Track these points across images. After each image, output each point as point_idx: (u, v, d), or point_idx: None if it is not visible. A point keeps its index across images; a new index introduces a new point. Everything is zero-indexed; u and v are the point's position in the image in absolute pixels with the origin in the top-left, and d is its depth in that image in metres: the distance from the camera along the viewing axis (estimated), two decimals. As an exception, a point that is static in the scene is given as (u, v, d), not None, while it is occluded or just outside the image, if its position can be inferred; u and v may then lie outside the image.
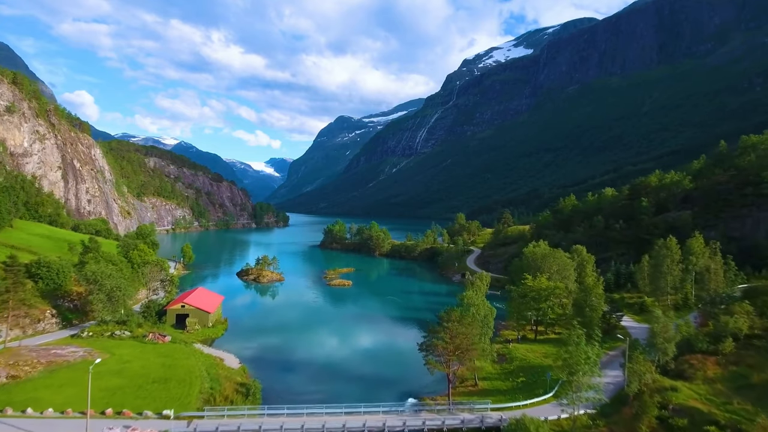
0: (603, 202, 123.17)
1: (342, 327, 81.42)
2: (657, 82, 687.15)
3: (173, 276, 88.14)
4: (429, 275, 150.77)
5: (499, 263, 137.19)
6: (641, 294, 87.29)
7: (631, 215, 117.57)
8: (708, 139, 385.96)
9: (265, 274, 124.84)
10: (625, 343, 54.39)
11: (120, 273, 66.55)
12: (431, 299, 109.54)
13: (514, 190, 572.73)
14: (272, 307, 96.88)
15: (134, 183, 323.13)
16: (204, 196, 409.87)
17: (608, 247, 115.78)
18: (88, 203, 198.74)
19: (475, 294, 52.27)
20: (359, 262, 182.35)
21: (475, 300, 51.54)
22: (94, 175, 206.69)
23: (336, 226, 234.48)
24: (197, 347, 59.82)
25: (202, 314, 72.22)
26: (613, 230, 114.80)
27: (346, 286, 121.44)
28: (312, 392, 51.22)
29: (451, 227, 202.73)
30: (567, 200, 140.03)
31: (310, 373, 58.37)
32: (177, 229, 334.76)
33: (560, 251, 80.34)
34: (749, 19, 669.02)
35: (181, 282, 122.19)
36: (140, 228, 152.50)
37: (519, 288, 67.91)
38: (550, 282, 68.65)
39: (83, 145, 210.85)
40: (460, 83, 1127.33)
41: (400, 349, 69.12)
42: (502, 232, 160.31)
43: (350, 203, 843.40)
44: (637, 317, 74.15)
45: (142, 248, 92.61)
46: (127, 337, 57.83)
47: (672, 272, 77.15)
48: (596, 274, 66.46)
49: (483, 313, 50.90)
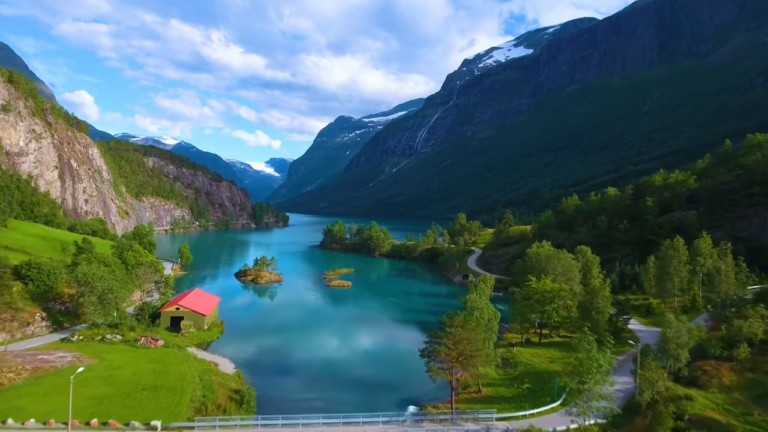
0: (606, 202, 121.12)
1: (341, 329, 79.44)
2: (657, 82, 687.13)
3: (168, 277, 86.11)
4: (429, 276, 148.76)
5: (501, 264, 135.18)
6: (647, 296, 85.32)
7: (636, 215, 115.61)
8: (709, 139, 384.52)
9: (263, 275, 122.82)
10: (634, 348, 52.42)
11: (112, 275, 64.48)
12: (432, 301, 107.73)
13: (515, 190, 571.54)
14: (270, 308, 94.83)
15: (133, 183, 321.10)
16: (203, 195, 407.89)
17: (612, 248, 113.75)
18: (86, 203, 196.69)
19: (478, 297, 50.08)
20: (359, 262, 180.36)
21: (479, 303, 49.38)
22: (92, 175, 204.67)
23: (336, 226, 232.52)
24: (191, 351, 57.80)
25: (197, 317, 70.19)
26: (617, 230, 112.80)
27: (345, 287, 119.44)
28: (309, 399, 49.17)
29: (452, 227, 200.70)
30: (569, 200, 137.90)
31: (308, 378, 56.35)
32: (176, 229, 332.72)
33: (565, 252, 78.24)
34: (750, 19, 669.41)
35: (178, 283, 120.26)
36: (137, 228, 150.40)
37: (523, 290, 65.86)
38: (555, 284, 66.59)
39: (80, 144, 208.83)
40: (461, 83, 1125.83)
41: (401, 352, 67.14)
42: (504, 233, 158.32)
43: (350, 203, 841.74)
44: (643, 320, 72.15)
45: (137, 249, 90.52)
46: (118, 341, 55.79)
47: (679, 273, 75.13)
48: (602, 275, 64.31)
49: (487, 316, 48.81)
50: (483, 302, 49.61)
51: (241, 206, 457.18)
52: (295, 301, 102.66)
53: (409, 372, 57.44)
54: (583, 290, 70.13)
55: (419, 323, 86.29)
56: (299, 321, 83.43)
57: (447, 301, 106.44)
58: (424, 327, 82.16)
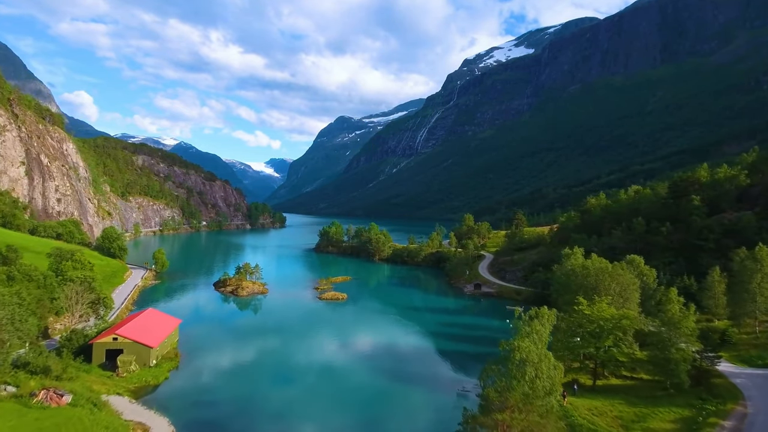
0: (642, 202, 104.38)
1: (330, 364, 62.25)
2: (661, 81, 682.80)
3: (106, 298, 67.97)
4: (436, 284, 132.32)
5: (518, 272, 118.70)
6: (709, 316, 69.12)
7: (677, 216, 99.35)
8: (717, 138, 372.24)
9: (245, 286, 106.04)
10: (740, 406, 36.10)
11: (17, 297, 47.71)
12: (443, 319, 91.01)
13: (517, 191, 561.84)
14: (245, 331, 77.77)
15: (119, 182, 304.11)
16: (196, 195, 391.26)
17: (651, 255, 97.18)
18: (58, 203, 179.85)
19: (534, 346, 31.89)
20: (357, 268, 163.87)
21: (533, 354, 31.13)
22: (66, 172, 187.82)
23: (332, 228, 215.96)
24: (115, 408, 41.19)
25: (140, 349, 53.60)
26: (657, 234, 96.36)
27: (339, 300, 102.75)
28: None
29: (459, 229, 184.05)
30: (596, 199, 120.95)
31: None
32: (165, 231, 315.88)
33: (623, 265, 61.80)
34: (754, 18, 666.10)
35: (149, 294, 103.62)
36: (105, 231, 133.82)
37: (571, 317, 49.32)
38: (611, 307, 50.03)
39: (53, 138, 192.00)
40: (461, 83, 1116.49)
41: (406, 396, 50.75)
42: (518, 236, 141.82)
43: (350, 203, 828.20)
44: (724, 354, 55.29)
45: (78, 258, 73.71)
46: (7, 397, 39.14)
47: (764, 292, 58.85)
48: (681, 299, 48.08)
49: (546, 371, 30.89)
50: (541, 351, 31.81)
51: (236, 206, 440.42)
52: (278, 319, 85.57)
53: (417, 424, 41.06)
54: (644, 317, 53.78)
55: (430, 352, 69.90)
56: (277, 353, 66.38)
57: (460, 320, 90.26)
58: (435, 359, 65.83)
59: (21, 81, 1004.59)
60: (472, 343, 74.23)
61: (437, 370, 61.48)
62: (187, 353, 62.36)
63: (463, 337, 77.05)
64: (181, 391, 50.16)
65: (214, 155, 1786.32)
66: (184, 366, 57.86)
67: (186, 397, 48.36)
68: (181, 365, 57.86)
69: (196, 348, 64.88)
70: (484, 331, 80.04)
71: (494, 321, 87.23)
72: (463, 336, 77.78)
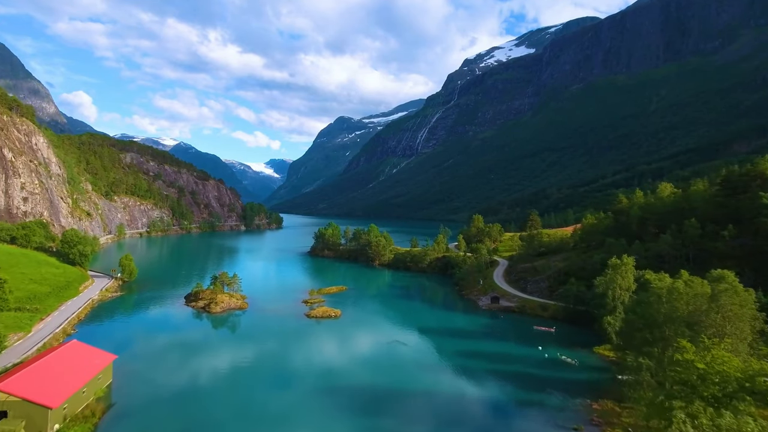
0: (694, 200, 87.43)
1: (312, 418, 45.82)
2: (664, 81, 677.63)
3: None
4: (444, 295, 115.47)
5: (542, 282, 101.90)
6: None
7: (736, 217, 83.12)
8: (723, 137, 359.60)
9: (219, 300, 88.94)
10: None
11: None
12: (458, 346, 72.61)
13: (519, 191, 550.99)
14: (206, 364, 60.14)
15: (103, 180, 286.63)
16: (188, 195, 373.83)
17: (706, 264, 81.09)
18: (24, 202, 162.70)
19: None
20: (355, 274, 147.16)
21: None
22: (35, 168, 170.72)
23: (328, 230, 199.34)
24: None
25: (34, 411, 36.85)
26: (716, 239, 79.92)
27: (332, 318, 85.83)
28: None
29: (467, 231, 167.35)
30: (634, 197, 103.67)
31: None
32: (153, 232, 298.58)
33: (739, 289, 45.21)
34: (758, 16, 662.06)
35: (108, 308, 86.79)
36: (66, 234, 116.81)
37: (673, 372, 32.59)
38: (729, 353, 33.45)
39: (20, 132, 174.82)
40: (462, 83, 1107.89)
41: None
42: (536, 239, 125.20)
43: (350, 204, 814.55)
44: None
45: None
46: None
47: None
48: None
49: None
50: None
51: (230, 207, 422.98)
52: (254, 348, 68.02)
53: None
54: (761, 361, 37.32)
55: (443, 396, 52.64)
56: (246, 399, 49.77)
57: (480, 347, 72.07)
58: (451, 405, 45.86)
59: (19, 80, 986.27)
60: (499, 379, 57.60)
61: (450, 419, 44.79)
62: (121, 403, 45.60)
63: (486, 373, 60.25)
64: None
65: (214, 156, 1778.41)
66: (109, 427, 41.01)
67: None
68: (105, 426, 41.01)
69: (135, 394, 48.02)
70: (515, 365, 63.12)
71: (522, 347, 70.54)
72: (486, 371, 60.93)
